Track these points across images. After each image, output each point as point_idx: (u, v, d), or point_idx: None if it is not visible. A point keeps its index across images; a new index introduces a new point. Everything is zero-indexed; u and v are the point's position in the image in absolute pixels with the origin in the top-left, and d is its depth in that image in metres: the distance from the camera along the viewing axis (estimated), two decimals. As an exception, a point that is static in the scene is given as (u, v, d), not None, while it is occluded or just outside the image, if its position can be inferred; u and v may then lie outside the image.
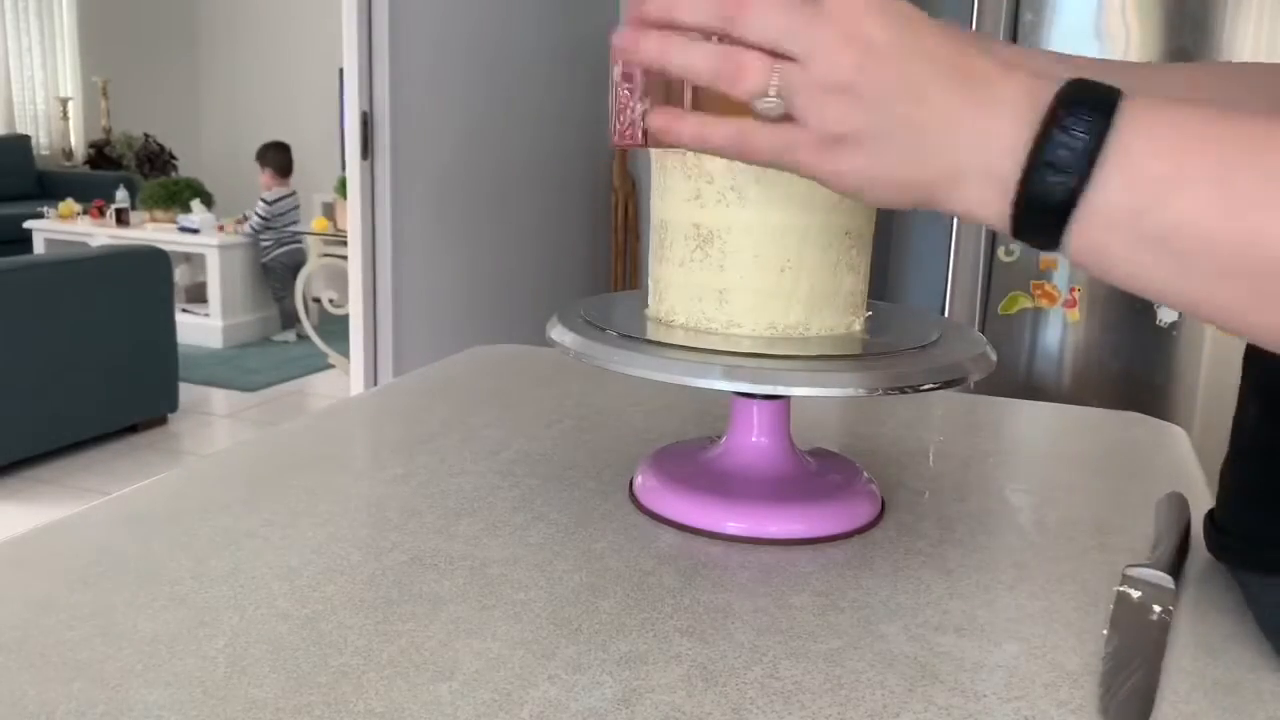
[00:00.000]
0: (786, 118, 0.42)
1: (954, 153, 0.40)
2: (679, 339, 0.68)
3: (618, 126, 0.57)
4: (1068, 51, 0.68)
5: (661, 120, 0.46)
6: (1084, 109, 0.38)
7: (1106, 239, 0.39)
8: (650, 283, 0.73)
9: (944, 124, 0.39)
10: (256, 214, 4.75)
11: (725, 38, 0.42)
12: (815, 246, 0.66)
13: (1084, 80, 0.39)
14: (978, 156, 0.39)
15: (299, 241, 4.75)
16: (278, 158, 4.88)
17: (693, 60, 0.42)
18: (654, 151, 0.71)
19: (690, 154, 0.67)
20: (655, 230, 0.72)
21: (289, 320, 4.80)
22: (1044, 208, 0.39)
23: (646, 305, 0.74)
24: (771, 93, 0.41)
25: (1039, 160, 0.38)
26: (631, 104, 0.54)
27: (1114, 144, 0.38)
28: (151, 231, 4.85)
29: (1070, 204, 0.38)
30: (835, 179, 0.42)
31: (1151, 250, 0.38)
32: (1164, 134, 0.38)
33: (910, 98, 0.39)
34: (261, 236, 4.78)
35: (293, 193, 4.88)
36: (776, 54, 0.41)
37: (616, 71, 0.50)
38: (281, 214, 4.79)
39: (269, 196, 4.76)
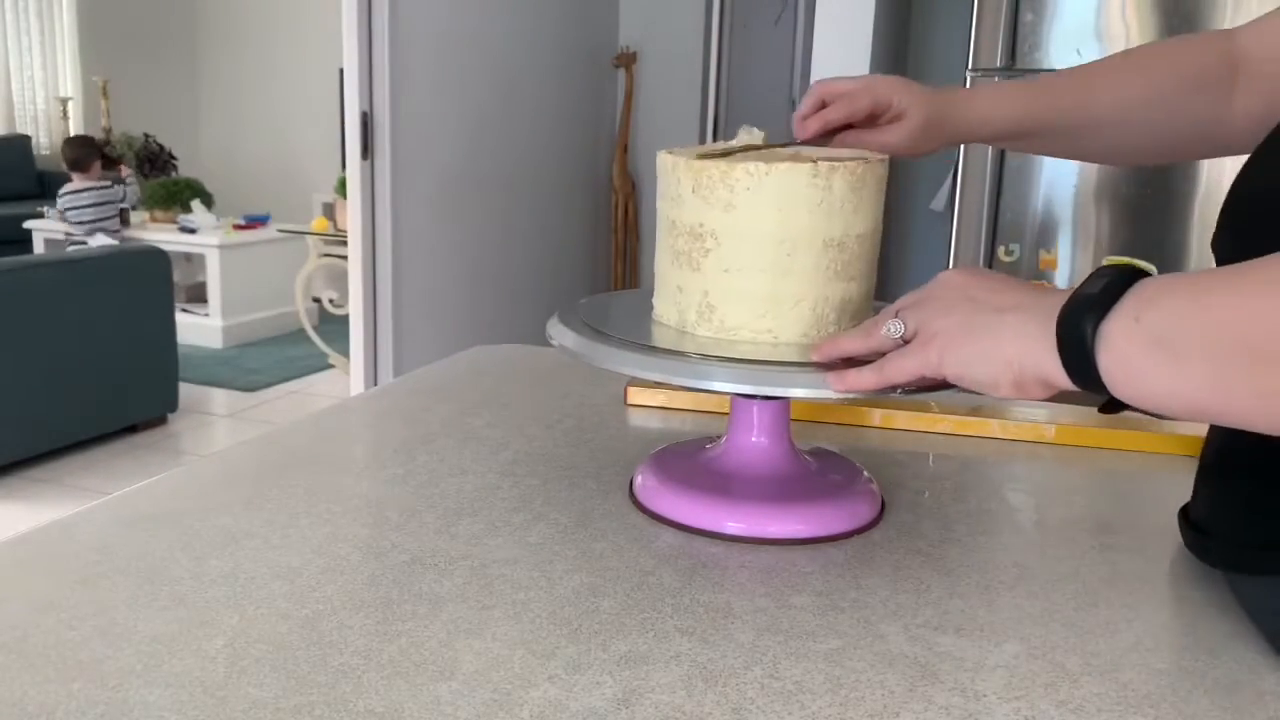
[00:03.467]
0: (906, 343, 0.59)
1: (1015, 333, 0.54)
2: (680, 340, 0.68)
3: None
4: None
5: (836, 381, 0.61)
6: (1101, 274, 0.50)
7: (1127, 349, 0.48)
8: (656, 283, 0.73)
9: (1011, 319, 0.54)
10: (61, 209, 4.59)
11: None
12: (813, 251, 0.66)
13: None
14: (1029, 329, 0.53)
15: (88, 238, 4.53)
16: (66, 151, 4.67)
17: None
18: (659, 155, 0.71)
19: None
20: (661, 231, 0.72)
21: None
22: (1077, 329, 0.50)
23: (649, 305, 0.74)
24: (894, 328, 0.60)
25: (1072, 300, 0.51)
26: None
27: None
28: (152, 231, 4.84)
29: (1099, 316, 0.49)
30: (943, 366, 0.56)
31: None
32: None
33: (983, 309, 0.56)
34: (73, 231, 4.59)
35: (89, 188, 4.61)
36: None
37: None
38: (75, 208, 4.55)
39: (60, 192, 4.58)
